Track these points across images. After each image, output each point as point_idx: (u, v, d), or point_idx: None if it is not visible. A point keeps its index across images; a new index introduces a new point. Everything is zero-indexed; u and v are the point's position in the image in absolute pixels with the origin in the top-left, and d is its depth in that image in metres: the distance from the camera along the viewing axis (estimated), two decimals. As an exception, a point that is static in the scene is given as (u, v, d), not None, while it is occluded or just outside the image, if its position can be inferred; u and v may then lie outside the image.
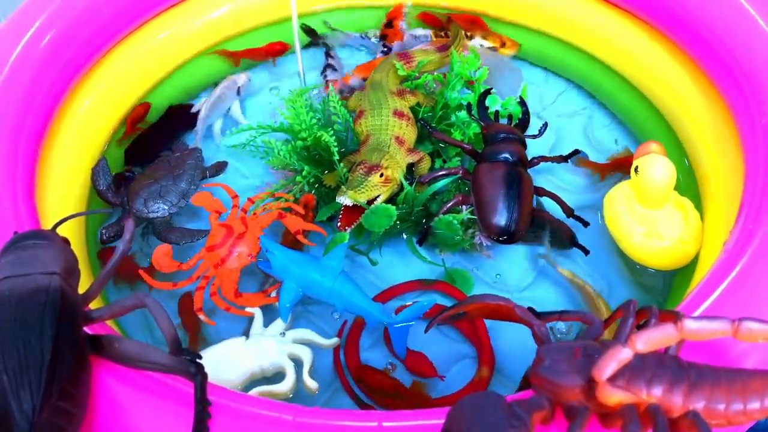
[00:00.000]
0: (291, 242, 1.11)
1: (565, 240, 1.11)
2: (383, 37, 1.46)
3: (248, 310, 1.02)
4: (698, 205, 1.11)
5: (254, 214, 1.11)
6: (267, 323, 1.02)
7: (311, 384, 0.95)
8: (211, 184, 1.19)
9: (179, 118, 1.35)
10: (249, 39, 1.45)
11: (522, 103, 1.21)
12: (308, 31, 1.48)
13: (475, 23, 1.44)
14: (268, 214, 1.11)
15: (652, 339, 0.61)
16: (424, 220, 1.14)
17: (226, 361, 0.95)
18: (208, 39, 1.41)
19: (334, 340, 1.00)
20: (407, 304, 1.03)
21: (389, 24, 1.46)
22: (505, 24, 1.45)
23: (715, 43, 1.08)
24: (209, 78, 1.43)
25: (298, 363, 0.97)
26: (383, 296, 1.08)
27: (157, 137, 1.32)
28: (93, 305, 0.77)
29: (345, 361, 1.01)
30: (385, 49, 1.43)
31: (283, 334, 0.98)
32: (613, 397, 0.63)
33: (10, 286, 0.69)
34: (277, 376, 0.97)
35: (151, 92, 1.36)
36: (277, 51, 1.46)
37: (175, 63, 1.38)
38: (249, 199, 1.14)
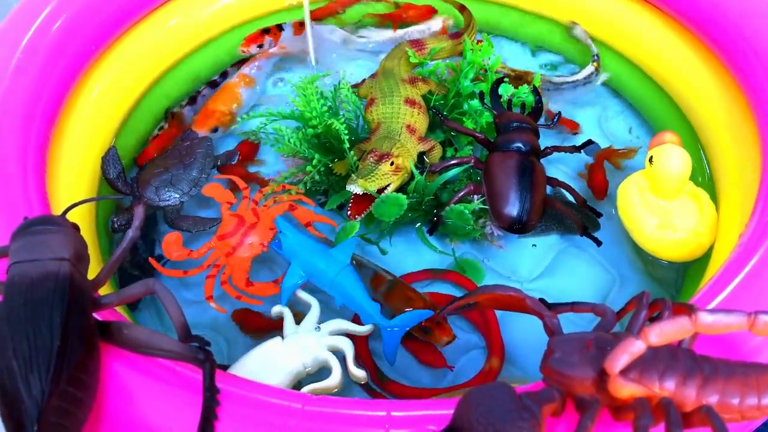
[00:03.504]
0: None
1: (576, 230, 1.10)
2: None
3: (275, 310, 0.99)
4: (713, 196, 1.09)
5: (265, 205, 1.11)
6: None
7: (358, 373, 0.93)
8: (221, 176, 1.18)
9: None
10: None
11: (535, 91, 1.20)
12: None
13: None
14: (279, 205, 1.11)
15: (666, 332, 0.60)
16: (434, 210, 1.13)
17: (268, 365, 0.92)
18: (220, 25, 1.41)
19: (369, 327, 0.98)
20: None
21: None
22: (514, 9, 1.43)
23: (732, 31, 1.06)
24: (220, 65, 1.42)
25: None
26: (393, 285, 1.07)
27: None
28: (102, 291, 0.77)
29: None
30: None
31: (318, 328, 0.97)
32: (625, 390, 0.62)
33: (20, 272, 0.69)
34: (321, 372, 0.95)
35: (161, 79, 1.36)
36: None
37: (185, 50, 1.38)
38: (259, 190, 1.14)
